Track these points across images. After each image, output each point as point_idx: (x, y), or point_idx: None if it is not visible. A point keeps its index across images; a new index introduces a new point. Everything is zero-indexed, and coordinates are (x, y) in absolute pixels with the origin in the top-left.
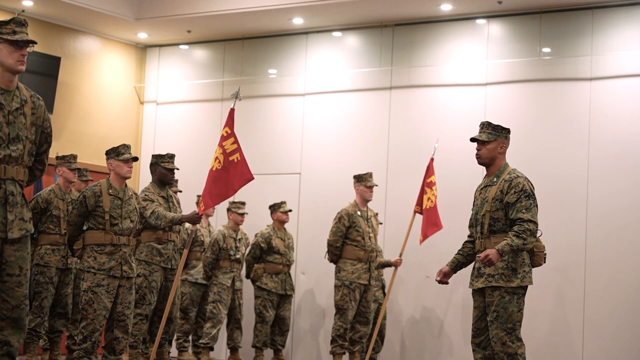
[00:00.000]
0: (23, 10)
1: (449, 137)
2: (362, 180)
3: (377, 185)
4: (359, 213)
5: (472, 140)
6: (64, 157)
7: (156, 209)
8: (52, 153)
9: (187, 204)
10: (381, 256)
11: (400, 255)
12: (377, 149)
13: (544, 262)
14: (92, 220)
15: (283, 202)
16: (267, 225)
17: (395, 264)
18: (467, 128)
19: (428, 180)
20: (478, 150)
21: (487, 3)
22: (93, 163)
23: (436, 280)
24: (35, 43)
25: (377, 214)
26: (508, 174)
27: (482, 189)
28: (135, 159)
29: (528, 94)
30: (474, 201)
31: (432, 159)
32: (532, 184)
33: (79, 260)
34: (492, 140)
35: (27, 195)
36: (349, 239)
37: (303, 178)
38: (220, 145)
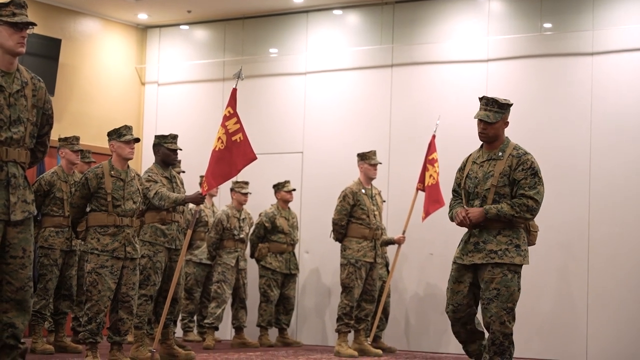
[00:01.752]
0: None
1: (450, 114)
2: (366, 159)
3: (381, 163)
4: (363, 191)
5: (479, 119)
6: (66, 138)
7: (159, 190)
8: (54, 135)
9: (191, 185)
10: (385, 234)
11: (404, 232)
12: (379, 126)
13: (535, 244)
14: (95, 202)
15: (287, 182)
16: (271, 205)
17: (399, 242)
18: (469, 104)
19: (430, 158)
20: (484, 129)
21: None
22: (95, 145)
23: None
24: (35, 25)
25: (380, 191)
26: (514, 149)
27: (483, 162)
28: (137, 140)
29: (530, 70)
30: (468, 174)
31: (433, 136)
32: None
33: (82, 242)
34: (499, 120)
35: (30, 178)
36: (353, 217)
37: (305, 157)
38: (223, 125)
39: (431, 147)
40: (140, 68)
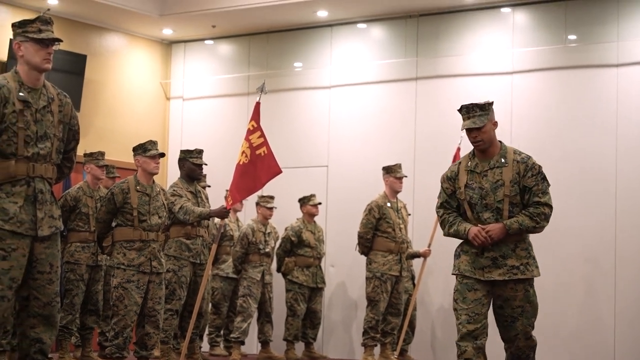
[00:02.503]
0: (48, 9)
1: None
2: (392, 172)
3: (406, 176)
4: (388, 204)
5: (467, 129)
6: (91, 154)
7: (184, 204)
8: (80, 150)
9: (216, 199)
10: (410, 247)
11: (429, 245)
12: (404, 139)
13: None
14: (121, 217)
15: (312, 195)
16: (297, 219)
17: (424, 255)
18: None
19: None
20: (475, 137)
21: None
22: (120, 160)
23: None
24: (61, 41)
25: (406, 204)
26: (515, 153)
27: (485, 170)
28: (162, 154)
29: (554, 82)
30: (468, 184)
31: (458, 148)
32: None
33: (108, 257)
34: (486, 122)
35: (56, 193)
36: (379, 230)
37: (330, 170)
38: (247, 139)
39: (456, 159)
40: (165, 83)
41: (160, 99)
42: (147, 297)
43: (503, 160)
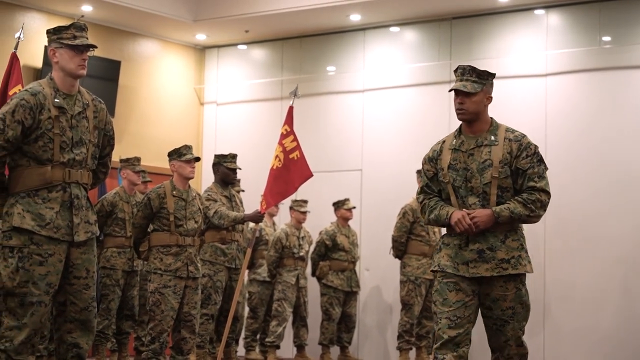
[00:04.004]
0: (82, 16)
1: None
2: None
3: None
4: None
5: (456, 92)
6: (127, 159)
7: (219, 209)
8: (114, 156)
9: (250, 203)
10: None
11: None
12: None
13: None
14: (157, 222)
15: (347, 199)
16: (331, 223)
17: None
18: (528, 119)
19: None
20: (461, 103)
21: None
22: (155, 165)
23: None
24: (96, 47)
25: None
26: (508, 131)
27: (471, 149)
28: (198, 159)
29: (589, 84)
30: (451, 164)
31: None
32: None
33: (144, 262)
34: (478, 91)
35: (92, 199)
36: (413, 234)
37: (364, 174)
38: (280, 143)
39: None
40: (199, 88)
41: (194, 104)
42: (183, 302)
43: (493, 138)
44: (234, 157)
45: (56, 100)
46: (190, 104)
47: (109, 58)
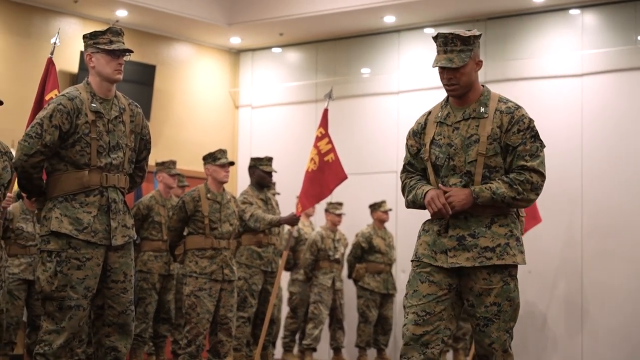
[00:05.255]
0: (117, 21)
1: (545, 129)
2: None
3: None
4: None
5: (440, 68)
6: (163, 163)
7: (255, 212)
8: (151, 160)
9: (286, 206)
10: None
11: None
12: None
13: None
14: (192, 225)
15: (383, 201)
16: (367, 225)
17: None
18: (564, 120)
19: None
20: (450, 79)
21: None
22: (190, 169)
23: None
24: (132, 52)
25: None
26: (501, 101)
27: (457, 122)
28: (232, 163)
29: (625, 83)
30: (434, 140)
31: None
32: None
33: (180, 265)
34: (467, 61)
35: (129, 202)
36: None
37: (399, 176)
38: (315, 146)
39: None
40: (234, 92)
41: (229, 108)
42: (219, 305)
43: (482, 110)
44: (269, 160)
45: (93, 104)
46: (225, 107)
47: (144, 62)
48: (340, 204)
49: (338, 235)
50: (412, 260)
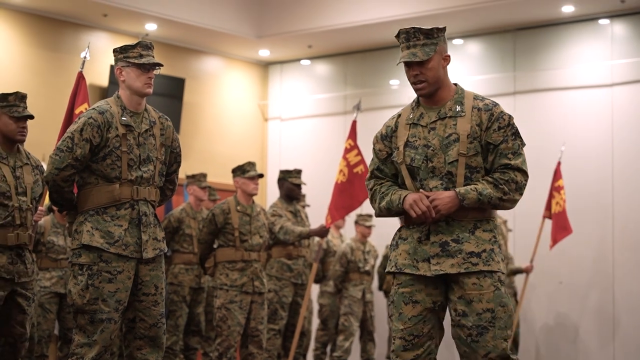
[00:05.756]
0: (147, 34)
1: (575, 140)
2: None
3: None
4: None
5: (406, 63)
6: (194, 176)
7: (284, 224)
8: (181, 172)
9: (315, 218)
10: (512, 263)
11: (531, 261)
12: None
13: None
14: (222, 238)
15: None
16: None
17: (527, 271)
18: (595, 130)
19: (556, 185)
20: (416, 75)
21: (609, 3)
22: (220, 181)
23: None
24: (162, 65)
25: (506, 221)
26: (477, 99)
27: (432, 122)
28: (261, 175)
29: None
30: (408, 142)
31: (559, 163)
32: None
33: (210, 278)
34: (432, 55)
35: (159, 215)
36: None
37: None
38: (344, 157)
39: (557, 174)
40: (263, 104)
41: (258, 120)
42: (249, 318)
43: (458, 109)
44: (298, 172)
45: (123, 118)
46: (255, 119)
47: (173, 76)
48: (370, 216)
49: (368, 247)
50: (391, 272)
